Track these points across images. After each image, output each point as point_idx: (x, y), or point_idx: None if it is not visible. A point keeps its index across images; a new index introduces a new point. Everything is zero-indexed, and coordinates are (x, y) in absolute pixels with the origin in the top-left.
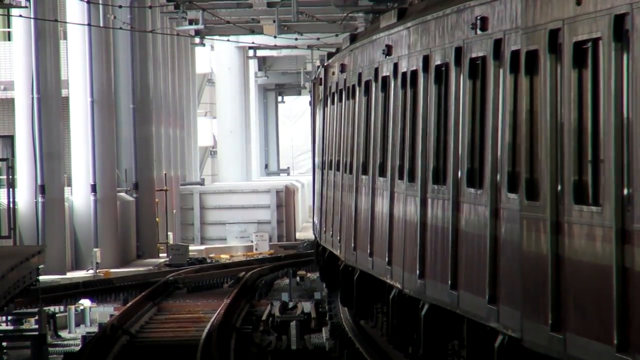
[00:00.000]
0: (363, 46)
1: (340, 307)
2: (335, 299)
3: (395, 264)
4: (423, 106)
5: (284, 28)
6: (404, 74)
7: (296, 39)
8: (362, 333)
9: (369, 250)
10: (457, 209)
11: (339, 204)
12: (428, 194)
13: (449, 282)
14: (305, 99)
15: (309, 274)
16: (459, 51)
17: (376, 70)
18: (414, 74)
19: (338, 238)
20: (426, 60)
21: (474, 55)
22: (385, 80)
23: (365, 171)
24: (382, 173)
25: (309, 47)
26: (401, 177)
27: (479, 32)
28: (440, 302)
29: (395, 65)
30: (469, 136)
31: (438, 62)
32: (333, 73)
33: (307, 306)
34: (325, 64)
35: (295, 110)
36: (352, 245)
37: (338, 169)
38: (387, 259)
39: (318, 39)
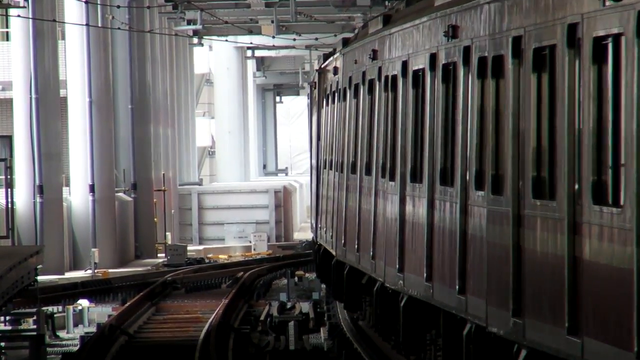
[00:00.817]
0: (408, 29)
1: (338, 307)
2: (333, 300)
3: (474, 294)
4: (513, 100)
5: (282, 28)
6: (483, 60)
7: (294, 39)
8: (360, 333)
9: (425, 274)
10: (574, 232)
11: (370, 215)
12: (525, 211)
13: (566, 325)
14: (303, 99)
15: (307, 274)
16: (572, 29)
17: (433, 56)
18: (498, 59)
19: (371, 254)
20: (517, 42)
21: (599, 33)
22: (448, 68)
23: (415, 178)
24: (446, 181)
25: (307, 47)
26: (480, 188)
27: (608, 2)
28: (548, 349)
29: (467, 50)
30: (592, 137)
31: (538, 45)
32: (356, 61)
33: (305, 306)
34: (343, 52)
35: (294, 111)
36: (397, 265)
37: (368, 173)
38: (457, 286)
39: (316, 39)
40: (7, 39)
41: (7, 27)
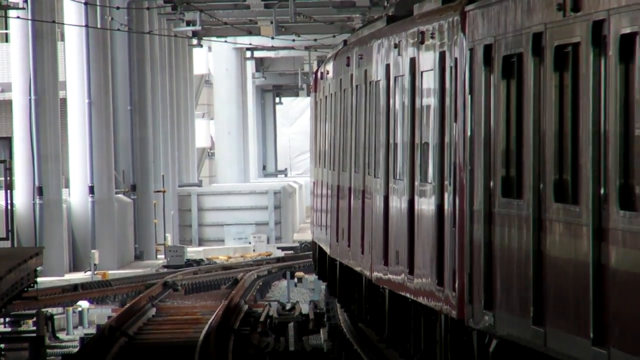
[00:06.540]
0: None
1: (338, 309)
2: (333, 300)
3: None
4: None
5: (281, 29)
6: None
7: (294, 40)
8: (360, 335)
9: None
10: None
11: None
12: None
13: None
14: (302, 100)
15: (306, 276)
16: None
17: (536, 37)
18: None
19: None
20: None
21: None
22: (577, 49)
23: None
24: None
25: (307, 48)
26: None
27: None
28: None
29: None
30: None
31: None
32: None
33: (305, 307)
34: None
35: (293, 112)
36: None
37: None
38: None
39: (315, 40)
40: (7, 41)
41: (6, 28)
